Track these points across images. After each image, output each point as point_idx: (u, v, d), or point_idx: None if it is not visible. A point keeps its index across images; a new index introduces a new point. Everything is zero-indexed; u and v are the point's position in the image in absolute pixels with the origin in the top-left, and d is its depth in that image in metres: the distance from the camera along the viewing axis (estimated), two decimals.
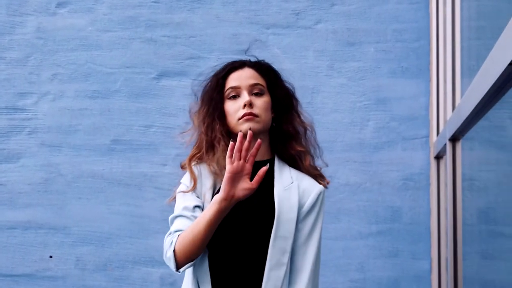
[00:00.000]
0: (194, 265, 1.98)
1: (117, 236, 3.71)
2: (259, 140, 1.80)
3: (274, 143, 2.08)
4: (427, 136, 3.58)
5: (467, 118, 2.08)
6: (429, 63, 3.61)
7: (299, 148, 2.06)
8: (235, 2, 3.77)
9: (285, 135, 2.06)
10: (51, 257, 3.73)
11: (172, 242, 1.94)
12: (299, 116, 2.11)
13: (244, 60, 2.10)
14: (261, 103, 1.95)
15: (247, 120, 1.92)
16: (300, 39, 3.72)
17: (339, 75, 3.67)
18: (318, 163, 2.21)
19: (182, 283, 3.62)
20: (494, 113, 2.22)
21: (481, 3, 2.81)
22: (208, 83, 2.09)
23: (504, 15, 2.10)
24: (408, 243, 3.55)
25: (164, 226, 3.69)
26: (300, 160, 2.07)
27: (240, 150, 1.78)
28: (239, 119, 1.94)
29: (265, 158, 2.05)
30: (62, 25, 3.84)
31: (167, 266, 3.62)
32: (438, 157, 3.41)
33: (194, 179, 2.04)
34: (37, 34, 3.84)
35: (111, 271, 3.70)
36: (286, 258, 1.91)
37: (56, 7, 3.85)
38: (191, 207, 2.00)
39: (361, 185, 3.59)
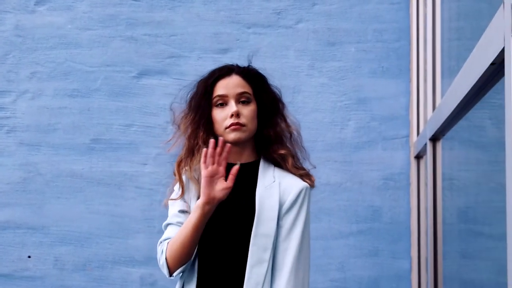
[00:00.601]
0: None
1: (96, 235, 3.69)
2: (227, 144, 1.89)
3: (259, 146, 2.11)
4: (408, 136, 3.60)
5: (447, 118, 2.09)
6: (409, 63, 3.63)
7: (281, 151, 2.09)
8: (216, 1, 3.76)
9: (268, 138, 2.10)
10: (29, 257, 3.70)
11: (162, 251, 2.05)
12: (285, 120, 2.15)
13: (232, 67, 2.11)
14: (247, 112, 2.00)
15: (234, 130, 1.98)
16: (281, 38, 3.72)
17: (320, 75, 3.67)
18: (306, 165, 2.21)
19: (162, 282, 3.64)
20: (474, 113, 2.23)
21: (462, 3, 2.83)
22: (195, 89, 2.12)
23: (484, 16, 2.12)
24: (388, 243, 3.57)
25: (144, 226, 3.69)
26: (283, 162, 2.09)
27: (212, 156, 1.88)
28: (226, 128, 1.99)
29: (250, 160, 2.10)
30: (41, 23, 3.81)
31: (147, 266, 3.65)
32: (418, 157, 3.42)
33: (182, 186, 2.11)
34: (16, 31, 3.80)
35: (90, 271, 3.67)
36: (267, 255, 1.95)
37: (35, 4, 3.81)
38: (179, 213, 2.11)
39: (342, 184, 3.60)
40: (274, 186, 2.01)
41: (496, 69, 1.39)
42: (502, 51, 1.26)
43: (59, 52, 3.79)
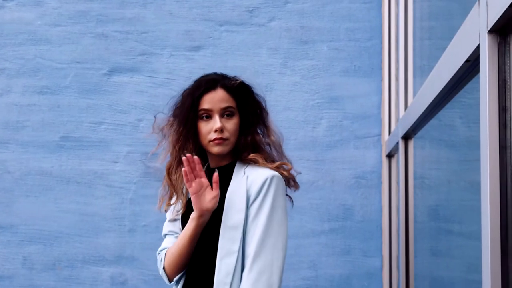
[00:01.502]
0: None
1: (66, 234, 3.64)
2: (196, 158, 1.99)
3: (236, 150, 2.17)
4: (379, 134, 3.61)
5: (421, 116, 2.10)
6: (381, 62, 3.64)
7: (252, 156, 2.14)
8: None
9: (244, 145, 2.15)
10: None
11: (161, 260, 2.17)
12: (266, 129, 2.21)
13: (217, 78, 2.14)
14: (230, 126, 2.09)
15: (217, 144, 2.07)
16: (254, 36, 3.71)
17: (292, 73, 3.67)
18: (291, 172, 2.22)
19: (133, 281, 3.60)
20: (445, 113, 2.24)
21: (433, 3, 2.84)
22: (182, 101, 2.16)
23: (456, 15, 2.13)
24: (360, 241, 3.58)
25: (115, 225, 3.65)
26: (255, 163, 2.14)
27: (191, 172, 1.98)
28: (210, 141, 2.08)
29: (228, 162, 2.16)
30: (10, 19, 3.75)
31: (118, 265, 3.62)
32: (390, 156, 3.44)
33: (172, 192, 2.21)
34: None
35: (60, 270, 3.63)
36: (236, 247, 2.00)
37: (3, 0, 3.75)
38: (169, 223, 2.23)
39: (314, 183, 3.60)
40: (242, 180, 2.07)
41: (470, 66, 1.40)
42: (477, 48, 1.26)
43: (28, 49, 3.73)
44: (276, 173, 2.07)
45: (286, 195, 2.17)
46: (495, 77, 1.18)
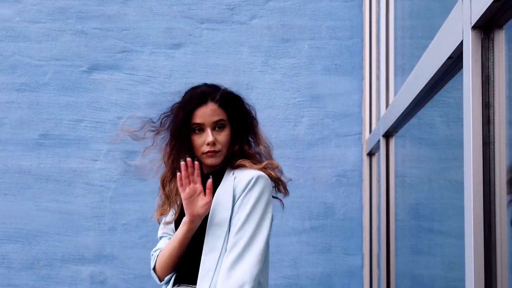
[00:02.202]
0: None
1: (45, 233, 3.61)
2: (197, 163, 2.06)
3: (228, 157, 2.22)
4: (360, 133, 3.62)
5: (402, 113, 2.10)
6: (362, 60, 3.65)
7: (239, 162, 2.19)
8: None
9: (235, 153, 2.21)
10: None
11: (154, 260, 2.23)
12: (256, 138, 2.27)
13: (207, 93, 2.18)
14: (222, 138, 2.15)
15: (210, 156, 2.14)
16: (235, 34, 3.70)
17: (273, 71, 3.66)
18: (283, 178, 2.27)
19: (112, 280, 3.58)
20: (425, 112, 2.25)
21: (414, 2, 2.85)
22: (175, 115, 2.21)
23: (436, 14, 2.14)
24: (341, 239, 3.58)
25: (94, 223, 3.62)
26: (243, 167, 2.19)
27: (187, 177, 2.05)
28: (203, 153, 2.14)
29: (219, 167, 2.21)
30: None
31: (97, 264, 3.59)
32: (371, 154, 3.45)
33: (168, 203, 2.26)
34: None
35: (38, 269, 3.59)
36: (220, 243, 2.06)
37: None
38: (163, 225, 2.29)
39: (295, 181, 3.59)
40: (230, 181, 2.13)
41: (453, 63, 1.40)
42: (461, 44, 1.26)
43: (7, 45, 3.69)
44: (262, 173, 2.12)
45: (276, 197, 2.23)
46: (479, 73, 1.18)
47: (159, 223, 2.31)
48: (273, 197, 2.21)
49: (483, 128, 1.17)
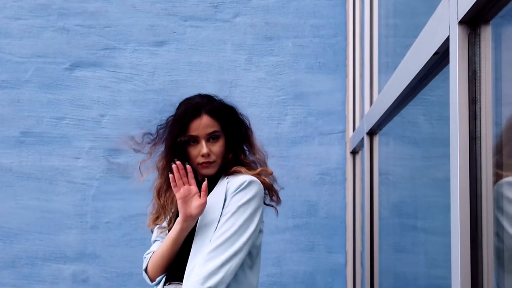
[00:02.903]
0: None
1: (26, 231, 3.57)
2: (188, 166, 2.10)
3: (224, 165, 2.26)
4: (344, 131, 3.62)
5: (387, 110, 2.10)
6: (345, 59, 3.65)
7: (234, 169, 2.23)
8: None
9: (229, 161, 2.25)
10: None
11: (145, 263, 2.25)
12: (252, 147, 2.32)
13: (201, 105, 2.21)
14: (216, 149, 2.20)
15: (205, 167, 2.19)
16: (218, 32, 3.68)
17: (257, 69, 3.66)
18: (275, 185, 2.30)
19: (94, 279, 3.56)
20: (409, 110, 2.26)
21: (398, 1, 2.86)
22: (170, 128, 2.25)
23: (420, 13, 2.14)
24: (324, 237, 3.58)
25: (76, 221, 3.59)
26: (239, 173, 2.22)
27: (180, 178, 2.10)
28: (198, 164, 2.19)
29: (212, 175, 2.24)
30: None
31: (80, 262, 3.56)
32: (354, 152, 3.45)
33: (162, 213, 2.28)
34: None
35: (19, 268, 3.55)
36: (207, 243, 2.07)
37: None
38: (157, 229, 2.31)
39: (278, 179, 3.56)
40: (223, 184, 2.16)
41: (439, 59, 1.40)
42: (447, 40, 1.26)
43: None
44: (255, 178, 2.15)
45: (270, 205, 2.28)
46: (465, 68, 1.18)
47: (152, 231, 2.33)
48: (267, 204, 2.27)
49: (469, 123, 1.17)
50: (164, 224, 2.27)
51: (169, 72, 3.65)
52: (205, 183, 2.09)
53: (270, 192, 2.25)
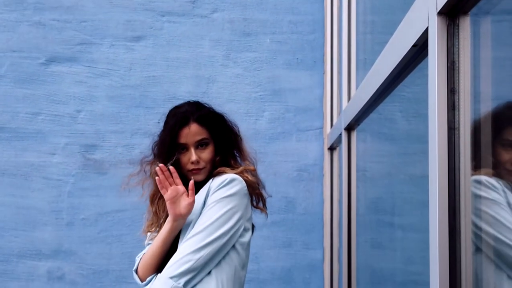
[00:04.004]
0: None
1: (1, 228, 3.53)
2: (171, 167, 2.14)
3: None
4: (321, 127, 3.63)
5: (365, 104, 2.10)
6: (323, 55, 3.65)
7: (220, 169, 2.27)
8: None
9: (217, 166, 2.29)
10: None
11: (137, 264, 2.27)
12: (242, 153, 2.38)
13: (190, 113, 2.27)
14: (205, 155, 2.25)
15: (195, 173, 2.24)
16: (196, 27, 3.67)
17: (235, 65, 3.65)
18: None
19: (70, 276, 3.53)
20: (386, 107, 2.26)
21: None
22: (161, 140, 2.31)
23: (397, 10, 2.15)
24: (302, 233, 3.58)
25: (52, 218, 3.55)
26: (224, 172, 2.26)
27: (166, 180, 2.14)
28: (188, 171, 2.25)
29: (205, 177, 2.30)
30: None
31: (55, 259, 3.53)
32: (332, 149, 3.46)
33: (156, 219, 2.32)
34: None
35: None
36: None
37: None
38: (150, 235, 2.34)
39: None
40: (208, 184, 2.20)
41: (418, 51, 1.40)
42: (426, 31, 1.26)
43: None
44: (236, 176, 2.19)
45: (259, 207, 2.33)
46: (444, 59, 1.18)
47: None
48: (255, 207, 2.31)
49: (448, 114, 1.17)
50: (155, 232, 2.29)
51: (146, 68, 3.63)
52: (191, 182, 2.13)
53: (255, 193, 2.29)
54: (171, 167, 2.15)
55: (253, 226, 2.38)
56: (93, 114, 3.61)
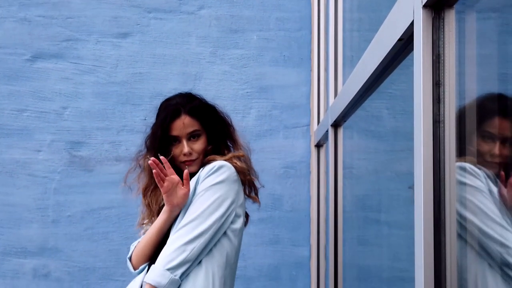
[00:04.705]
0: None
1: None
2: (163, 159, 2.14)
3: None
4: (308, 124, 3.63)
5: (352, 100, 2.10)
6: (310, 52, 3.65)
7: (210, 157, 2.30)
8: None
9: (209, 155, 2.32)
10: None
11: (131, 251, 2.28)
12: (235, 144, 2.40)
13: (181, 105, 2.29)
14: (197, 146, 2.27)
15: (188, 165, 2.26)
16: (183, 24, 3.66)
17: (222, 62, 3.64)
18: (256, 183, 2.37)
19: (56, 274, 3.51)
20: (373, 104, 2.26)
21: None
22: (153, 132, 2.32)
23: (383, 8, 2.15)
24: (289, 230, 3.58)
25: (37, 215, 3.53)
26: (214, 160, 2.27)
27: (160, 173, 2.13)
28: (181, 162, 2.27)
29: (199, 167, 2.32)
30: None
31: (41, 257, 3.51)
32: (318, 146, 3.46)
33: (149, 212, 2.33)
34: None
35: None
36: None
37: None
38: (148, 226, 2.33)
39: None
40: (198, 173, 2.21)
41: (403, 45, 1.40)
42: (411, 25, 1.26)
43: None
44: (225, 162, 2.20)
45: (250, 196, 2.35)
46: (429, 52, 1.18)
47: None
48: (248, 196, 2.34)
49: (433, 106, 1.17)
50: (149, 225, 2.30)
51: (132, 65, 3.62)
52: (186, 171, 2.14)
53: (246, 180, 2.30)
54: (161, 157, 2.15)
55: (247, 215, 2.39)
56: (79, 111, 3.59)
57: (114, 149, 3.57)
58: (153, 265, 2.07)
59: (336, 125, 2.64)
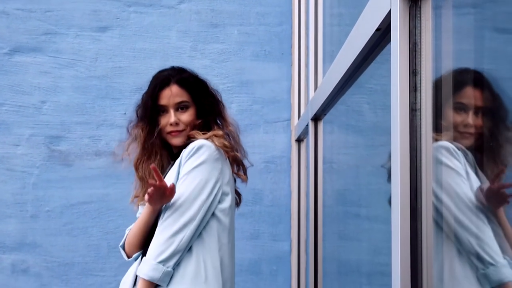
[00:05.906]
0: None
1: None
2: (152, 165, 2.08)
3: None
4: (289, 119, 3.63)
5: (331, 93, 2.10)
6: (291, 47, 3.65)
7: (191, 134, 2.28)
8: None
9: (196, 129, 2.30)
10: None
11: (124, 238, 2.29)
12: (224, 120, 2.38)
13: (171, 75, 2.31)
14: (185, 118, 2.26)
15: (174, 136, 2.26)
16: (163, 18, 3.64)
17: (202, 57, 3.63)
18: (245, 163, 2.38)
19: (35, 269, 3.48)
20: (353, 99, 2.27)
21: None
22: (143, 102, 2.33)
23: (364, 3, 2.15)
24: (269, 225, 3.58)
25: (16, 210, 3.51)
26: (195, 137, 2.26)
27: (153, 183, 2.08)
28: (167, 133, 2.27)
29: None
30: None
31: (19, 252, 3.49)
32: (299, 140, 3.46)
33: (141, 184, 2.33)
34: None
35: None
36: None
37: None
38: (142, 206, 2.33)
39: None
40: (180, 154, 2.19)
41: (381, 35, 1.40)
42: (389, 14, 1.26)
43: None
44: (204, 141, 2.17)
45: (239, 175, 2.35)
46: (406, 40, 1.19)
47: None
48: (236, 174, 2.34)
49: (410, 95, 1.18)
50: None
51: (112, 59, 3.60)
52: (152, 166, 2.07)
53: (229, 156, 2.27)
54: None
55: (239, 194, 2.41)
56: (58, 105, 3.56)
57: (93, 144, 3.55)
58: (144, 258, 2.08)
59: (316, 118, 2.64)
